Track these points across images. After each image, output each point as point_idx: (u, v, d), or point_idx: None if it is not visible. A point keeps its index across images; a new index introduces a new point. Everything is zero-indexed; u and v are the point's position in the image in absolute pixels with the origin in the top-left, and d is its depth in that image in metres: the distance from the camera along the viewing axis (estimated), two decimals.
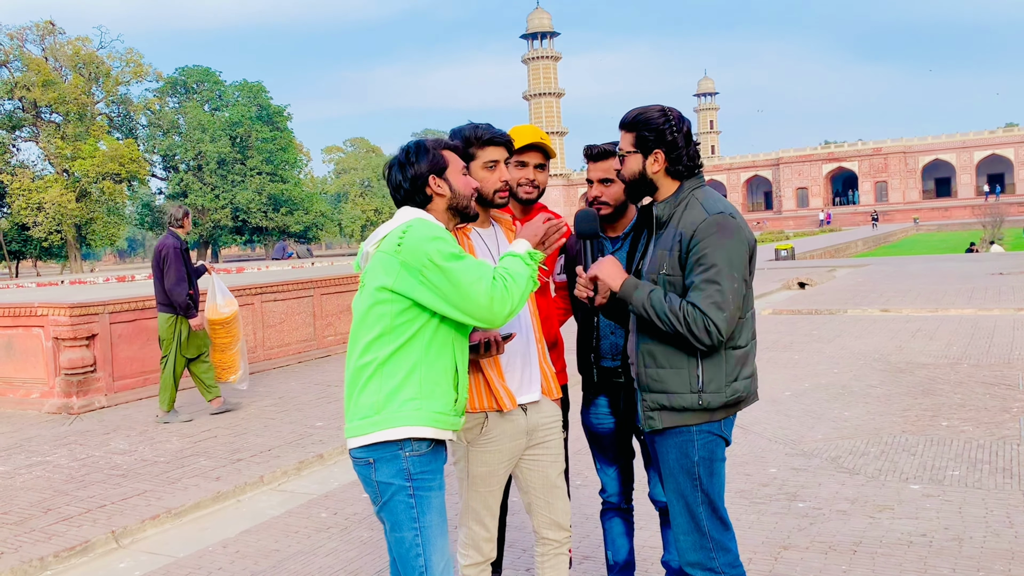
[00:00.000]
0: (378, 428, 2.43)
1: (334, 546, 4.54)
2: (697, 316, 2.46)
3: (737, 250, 2.52)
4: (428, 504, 2.47)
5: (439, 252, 2.34)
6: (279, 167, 61.72)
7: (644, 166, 2.66)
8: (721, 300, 2.46)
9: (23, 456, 6.67)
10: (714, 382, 2.56)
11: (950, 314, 12.32)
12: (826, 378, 8.17)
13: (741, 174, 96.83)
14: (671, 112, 2.66)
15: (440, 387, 2.46)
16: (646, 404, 2.65)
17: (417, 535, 2.46)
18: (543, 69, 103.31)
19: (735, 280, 2.50)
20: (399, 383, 2.43)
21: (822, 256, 34.85)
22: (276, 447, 6.51)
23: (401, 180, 2.57)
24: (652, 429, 2.65)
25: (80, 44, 49.86)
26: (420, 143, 2.59)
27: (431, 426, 2.44)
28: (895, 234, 55.98)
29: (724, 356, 2.57)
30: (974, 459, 5.36)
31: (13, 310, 8.82)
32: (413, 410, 2.42)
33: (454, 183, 2.59)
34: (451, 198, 2.59)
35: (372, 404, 2.44)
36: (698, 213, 2.56)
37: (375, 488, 2.47)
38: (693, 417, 2.59)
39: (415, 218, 2.48)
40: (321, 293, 11.56)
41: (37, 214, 45.54)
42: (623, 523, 3.34)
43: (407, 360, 2.43)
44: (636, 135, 2.66)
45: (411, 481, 2.44)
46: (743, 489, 4.98)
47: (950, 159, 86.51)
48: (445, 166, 2.58)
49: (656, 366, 2.61)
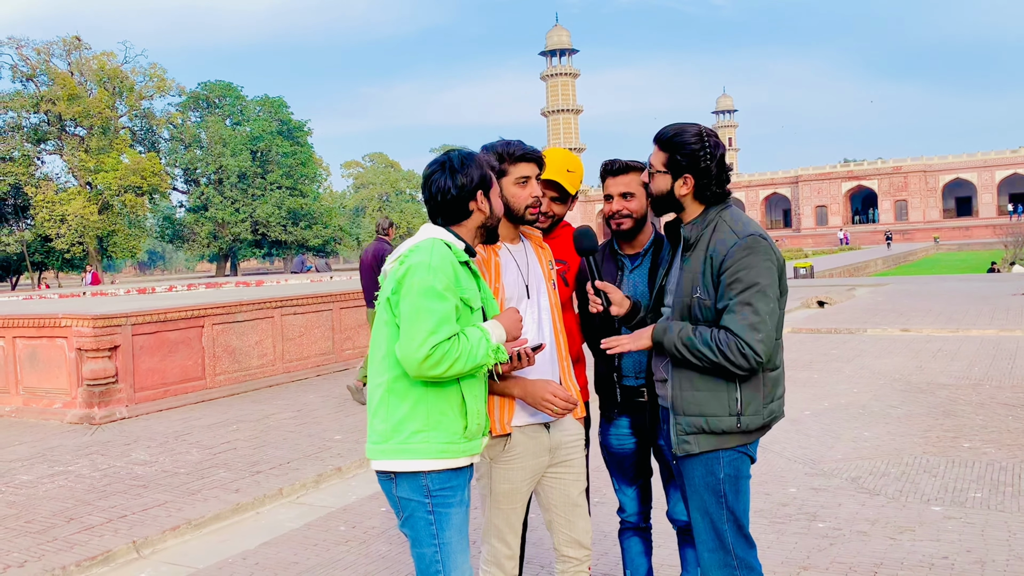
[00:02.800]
0: (387, 457, 2.47)
1: (352, 559, 4.55)
2: (731, 342, 2.45)
3: (769, 271, 2.52)
4: (448, 521, 2.48)
5: (421, 283, 2.36)
6: (299, 181, 62.22)
7: (672, 187, 2.65)
8: (756, 321, 2.45)
9: (46, 465, 6.74)
10: (752, 404, 2.56)
11: (971, 334, 12.21)
12: (846, 398, 8.12)
13: (760, 191, 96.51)
14: (708, 138, 2.62)
15: (447, 416, 2.46)
16: (680, 428, 2.62)
17: (437, 552, 2.47)
18: (561, 86, 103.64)
19: (769, 301, 2.49)
20: (406, 413, 2.44)
21: (841, 275, 34.64)
22: (295, 460, 6.54)
23: (450, 186, 2.54)
24: (687, 454, 2.63)
25: (105, 59, 50.61)
26: (472, 155, 2.59)
27: (437, 458, 2.45)
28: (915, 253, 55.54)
29: (762, 379, 2.56)
30: (996, 481, 5.31)
31: (38, 321, 8.93)
32: (420, 442, 2.44)
33: (494, 203, 2.61)
34: (488, 218, 2.60)
35: (383, 432, 2.47)
36: (729, 235, 2.55)
37: (396, 503, 2.50)
38: (731, 440, 2.57)
39: (430, 238, 2.49)
40: (340, 307, 11.63)
41: (60, 226, 46.10)
42: (642, 542, 3.33)
43: (413, 389, 2.45)
44: (669, 156, 2.63)
45: (430, 498, 2.46)
46: (762, 508, 4.96)
47: (971, 178, 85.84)
48: (491, 184, 2.60)
49: (693, 389, 2.59)
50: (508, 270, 2.84)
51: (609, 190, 3.13)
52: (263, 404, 9.05)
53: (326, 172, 70.03)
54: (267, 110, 62.67)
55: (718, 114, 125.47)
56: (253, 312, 10.26)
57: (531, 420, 2.80)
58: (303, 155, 63.05)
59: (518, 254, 2.90)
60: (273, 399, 9.33)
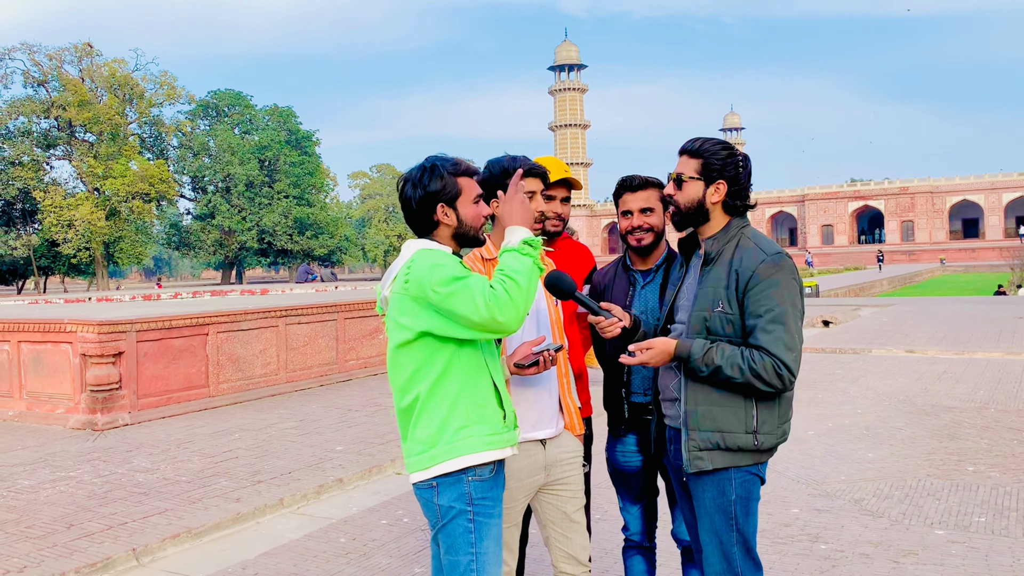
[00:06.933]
0: (436, 461, 2.46)
1: (352, 572, 4.54)
2: (766, 361, 2.44)
3: (796, 291, 2.54)
4: (487, 531, 2.48)
5: (439, 279, 2.36)
6: (306, 191, 62.42)
7: (704, 195, 2.64)
8: (789, 340, 2.46)
9: (47, 471, 6.74)
10: (768, 423, 2.55)
11: (977, 357, 12.16)
12: (850, 418, 8.09)
13: (766, 210, 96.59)
14: (735, 148, 2.66)
15: (486, 408, 2.48)
16: (694, 443, 2.59)
17: (473, 560, 2.46)
18: (569, 101, 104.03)
19: (799, 320, 2.51)
20: (446, 414, 2.45)
21: (846, 294, 34.58)
22: (296, 470, 6.53)
23: (411, 197, 2.57)
24: (700, 471, 2.61)
25: (116, 66, 50.91)
26: (436, 166, 2.56)
27: (487, 449, 2.46)
28: (921, 274, 55.47)
29: (779, 398, 2.56)
30: (1001, 506, 5.27)
31: (43, 326, 8.95)
32: (466, 438, 2.45)
33: (463, 213, 2.57)
34: (456, 227, 2.59)
35: (427, 439, 2.47)
36: (756, 252, 2.55)
37: (436, 511, 2.49)
38: (745, 458, 2.56)
39: (418, 251, 2.50)
40: (345, 317, 11.63)
41: (67, 231, 46.27)
42: (645, 561, 3.31)
43: (448, 391, 2.45)
44: (703, 162, 2.63)
45: (472, 506, 2.46)
46: (764, 529, 4.93)
47: (978, 200, 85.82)
48: (457, 194, 2.56)
49: (710, 404, 2.57)
50: None
51: (628, 206, 3.14)
52: (265, 413, 9.04)
53: (333, 182, 70.30)
54: (276, 120, 62.97)
55: (725, 131, 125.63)
56: (257, 321, 10.27)
57: (527, 436, 2.79)
58: (311, 165, 63.26)
59: None
60: (276, 408, 9.32)
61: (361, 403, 9.57)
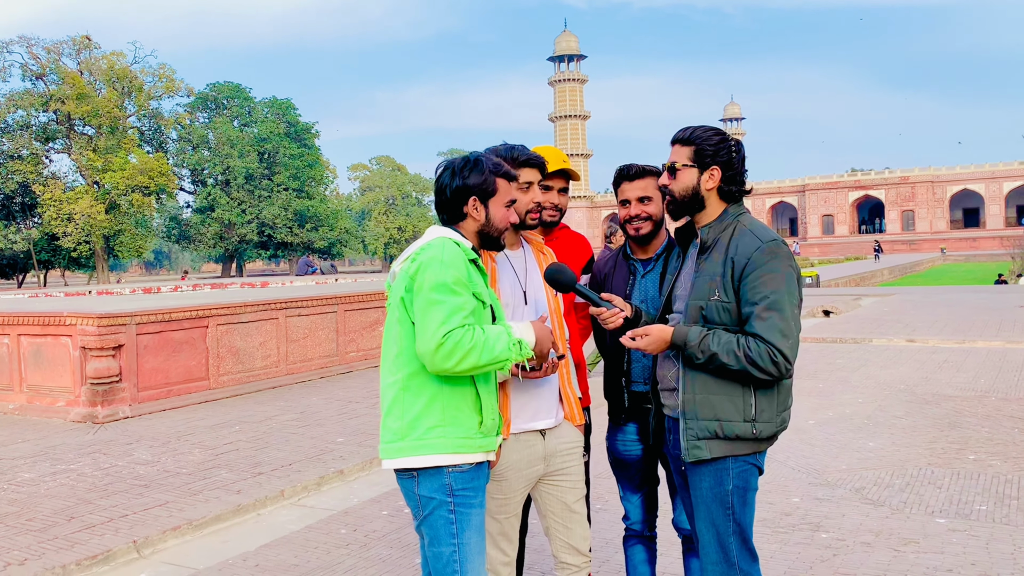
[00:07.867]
0: (403, 455, 2.46)
1: (353, 563, 4.54)
2: (761, 348, 2.43)
3: (792, 278, 2.52)
4: (468, 521, 2.48)
5: (435, 278, 2.37)
6: (305, 183, 62.34)
7: (699, 182, 2.63)
8: (785, 327, 2.44)
9: (48, 464, 6.74)
10: (766, 412, 2.54)
11: (977, 346, 12.16)
12: (851, 408, 8.09)
13: (766, 200, 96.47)
14: (727, 134, 2.66)
15: (463, 412, 2.47)
16: (691, 432, 2.58)
17: (455, 551, 2.46)
18: (569, 91, 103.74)
19: (795, 307, 2.49)
20: (422, 409, 2.45)
21: (847, 284, 34.56)
22: (297, 462, 6.53)
23: (446, 185, 2.59)
24: (697, 460, 2.60)
25: (115, 59, 50.75)
26: (480, 161, 2.59)
27: (455, 452, 2.45)
28: (922, 263, 55.45)
29: (777, 386, 2.55)
30: (1002, 494, 5.27)
31: (43, 319, 8.94)
32: (437, 438, 2.44)
33: (493, 212, 2.60)
34: (483, 224, 2.60)
35: (397, 430, 2.47)
36: (751, 239, 2.54)
37: (416, 501, 2.49)
38: (743, 447, 2.55)
39: (439, 237, 2.51)
40: (345, 309, 11.62)
41: (67, 224, 46.24)
42: (645, 550, 3.30)
43: (426, 387, 2.45)
44: (695, 149, 2.63)
45: (452, 497, 2.46)
46: (765, 518, 4.93)
47: (979, 189, 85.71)
48: (492, 193, 2.58)
49: (708, 392, 2.56)
50: (504, 276, 2.84)
51: (626, 195, 3.12)
52: (266, 405, 9.05)
53: (333, 174, 70.22)
54: (275, 112, 62.82)
55: (726, 122, 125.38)
56: (258, 313, 10.26)
57: (526, 427, 2.79)
58: (310, 157, 63.17)
59: (516, 260, 2.90)
60: (276, 400, 9.33)
61: (362, 395, 9.57)
